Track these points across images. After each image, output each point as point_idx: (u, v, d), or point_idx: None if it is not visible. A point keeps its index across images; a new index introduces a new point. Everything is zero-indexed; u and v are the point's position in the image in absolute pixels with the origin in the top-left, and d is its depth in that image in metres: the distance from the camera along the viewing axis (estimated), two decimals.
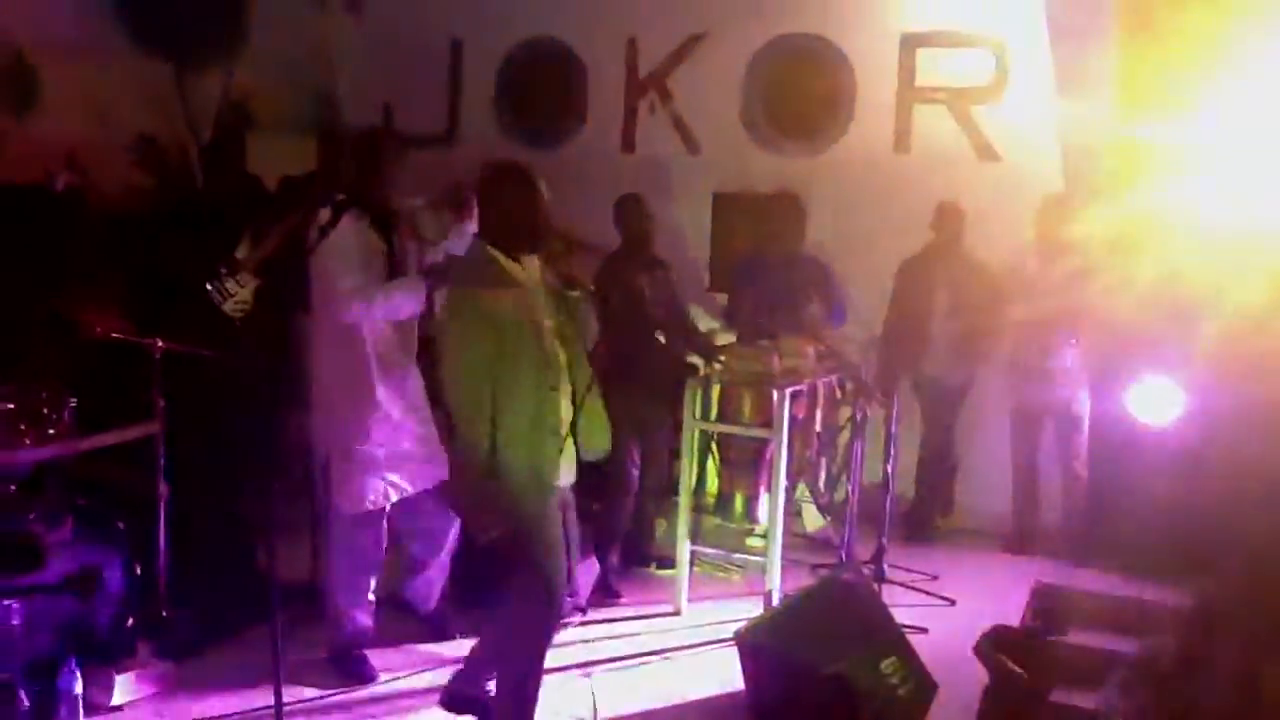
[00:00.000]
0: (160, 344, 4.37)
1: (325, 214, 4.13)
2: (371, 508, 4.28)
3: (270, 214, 5.59)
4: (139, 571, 4.25)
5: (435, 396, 4.11)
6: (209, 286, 4.84)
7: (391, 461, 4.29)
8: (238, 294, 4.99)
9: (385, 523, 4.39)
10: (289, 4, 7.82)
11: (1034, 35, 6.15)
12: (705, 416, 5.21)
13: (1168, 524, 5.71)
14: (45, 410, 4.05)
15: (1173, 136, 5.68)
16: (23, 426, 3.98)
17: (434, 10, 7.80)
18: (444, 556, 4.65)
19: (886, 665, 3.72)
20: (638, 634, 4.92)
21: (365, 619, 4.42)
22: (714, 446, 5.42)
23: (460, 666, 3.85)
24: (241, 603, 4.57)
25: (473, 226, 4.48)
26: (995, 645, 3.75)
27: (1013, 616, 4.97)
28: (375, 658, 4.44)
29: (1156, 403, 5.60)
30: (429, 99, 7.85)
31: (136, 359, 4.37)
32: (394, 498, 4.33)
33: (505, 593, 3.59)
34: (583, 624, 4.98)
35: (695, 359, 5.66)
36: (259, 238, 5.24)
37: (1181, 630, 4.21)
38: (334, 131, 7.81)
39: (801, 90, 6.92)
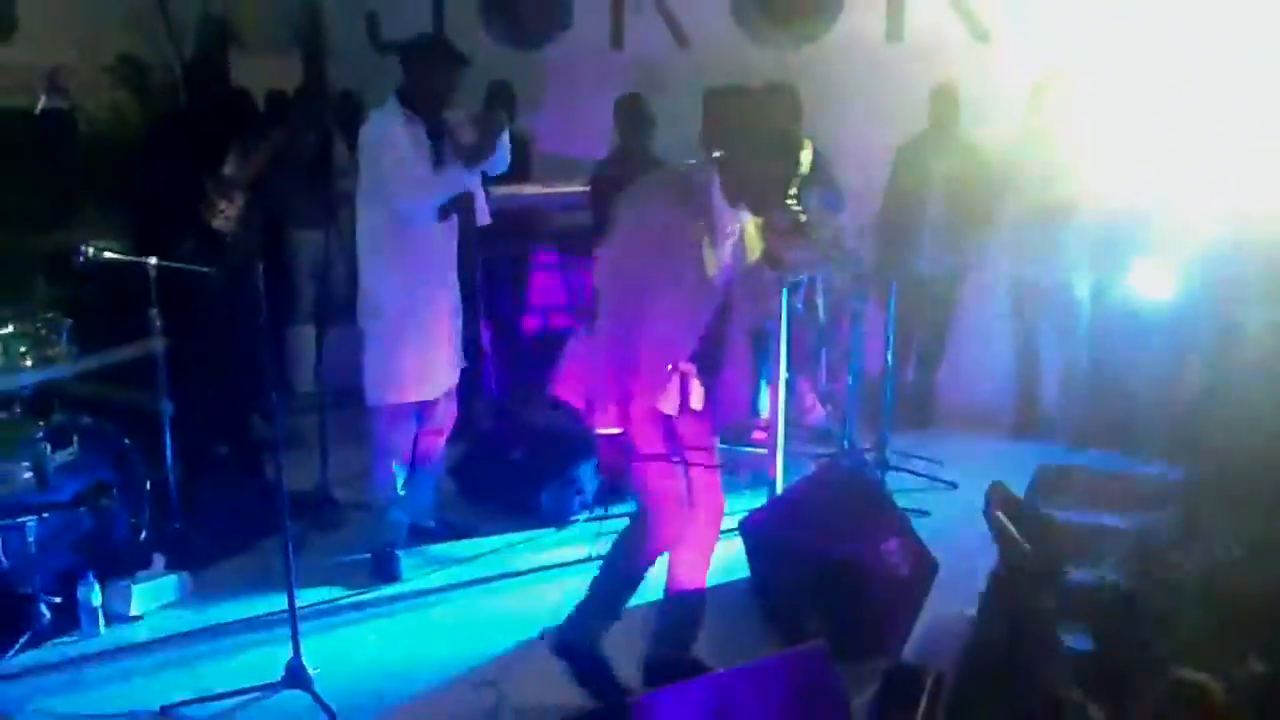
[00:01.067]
0: (154, 262, 4.36)
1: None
2: (405, 399, 4.34)
3: (258, 129, 5.57)
4: (149, 486, 4.31)
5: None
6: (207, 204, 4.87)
7: (426, 358, 4.34)
8: (226, 209, 5.00)
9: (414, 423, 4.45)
10: None
11: None
12: None
13: (1164, 402, 5.77)
14: (44, 332, 4.07)
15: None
16: (22, 350, 4.00)
17: None
18: (440, 456, 4.70)
19: (888, 548, 3.76)
20: None
21: (400, 514, 4.51)
22: None
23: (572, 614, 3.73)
24: (253, 513, 4.66)
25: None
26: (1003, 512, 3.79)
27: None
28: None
29: (1154, 280, 5.61)
30: (413, 5, 7.70)
31: (133, 279, 4.37)
32: (424, 395, 4.39)
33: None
34: (590, 519, 5.05)
35: None
36: (247, 154, 5.22)
37: (1177, 504, 4.29)
38: (318, 44, 7.71)
39: None
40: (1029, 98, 5.89)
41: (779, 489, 4.65)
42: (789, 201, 3.36)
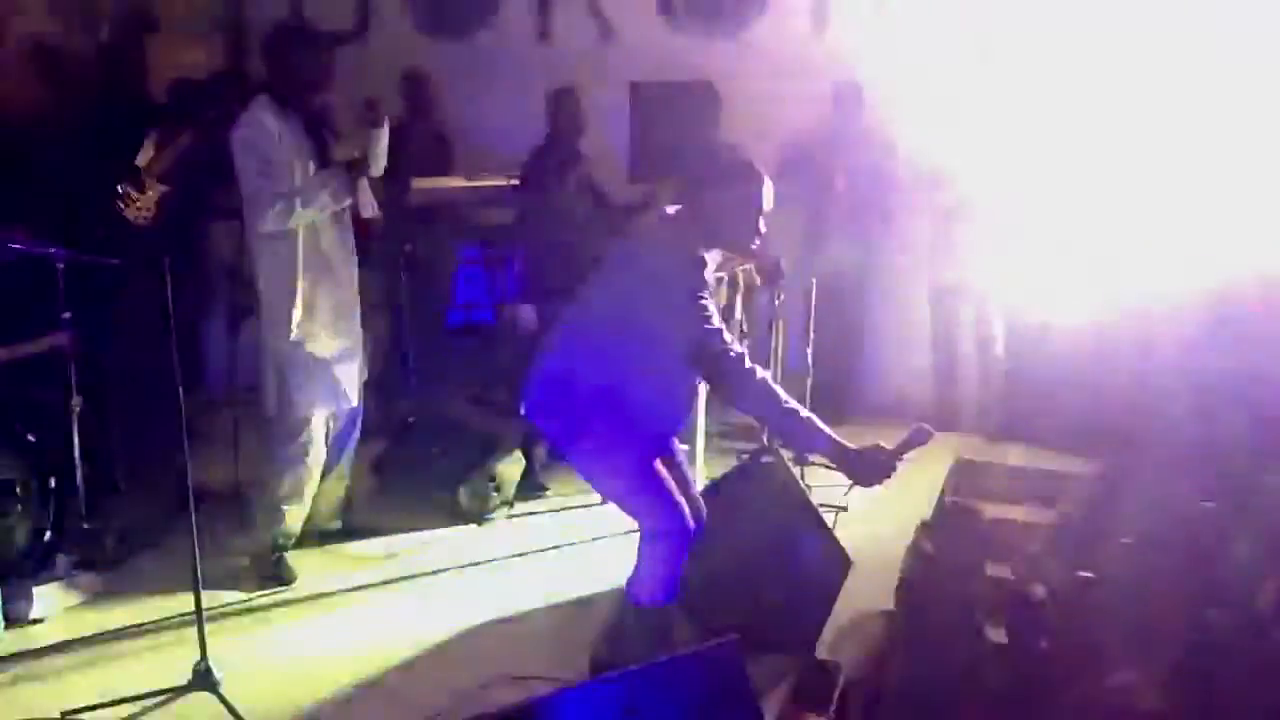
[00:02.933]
0: (62, 253, 4.25)
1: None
2: (312, 412, 4.26)
3: (174, 119, 5.44)
4: (54, 485, 4.20)
5: None
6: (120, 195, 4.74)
7: (332, 363, 4.27)
8: (140, 201, 4.88)
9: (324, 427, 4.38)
10: None
11: None
12: None
13: (1079, 401, 5.88)
14: None
15: None
16: None
17: None
18: (349, 458, 4.64)
19: (803, 544, 3.79)
20: (565, 525, 4.98)
21: (295, 521, 4.42)
22: None
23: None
24: (163, 512, 4.56)
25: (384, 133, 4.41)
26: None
27: (933, 492, 5.10)
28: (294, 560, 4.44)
29: (1072, 281, 5.71)
30: None
31: (41, 271, 4.26)
32: (333, 405, 4.33)
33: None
34: (510, 518, 5.03)
35: None
36: (161, 144, 5.10)
37: (1089, 499, 4.37)
38: (238, 30, 7.56)
39: None
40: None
41: (698, 487, 4.66)
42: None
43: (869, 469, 3.29)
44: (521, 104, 5.78)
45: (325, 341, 4.25)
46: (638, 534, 3.46)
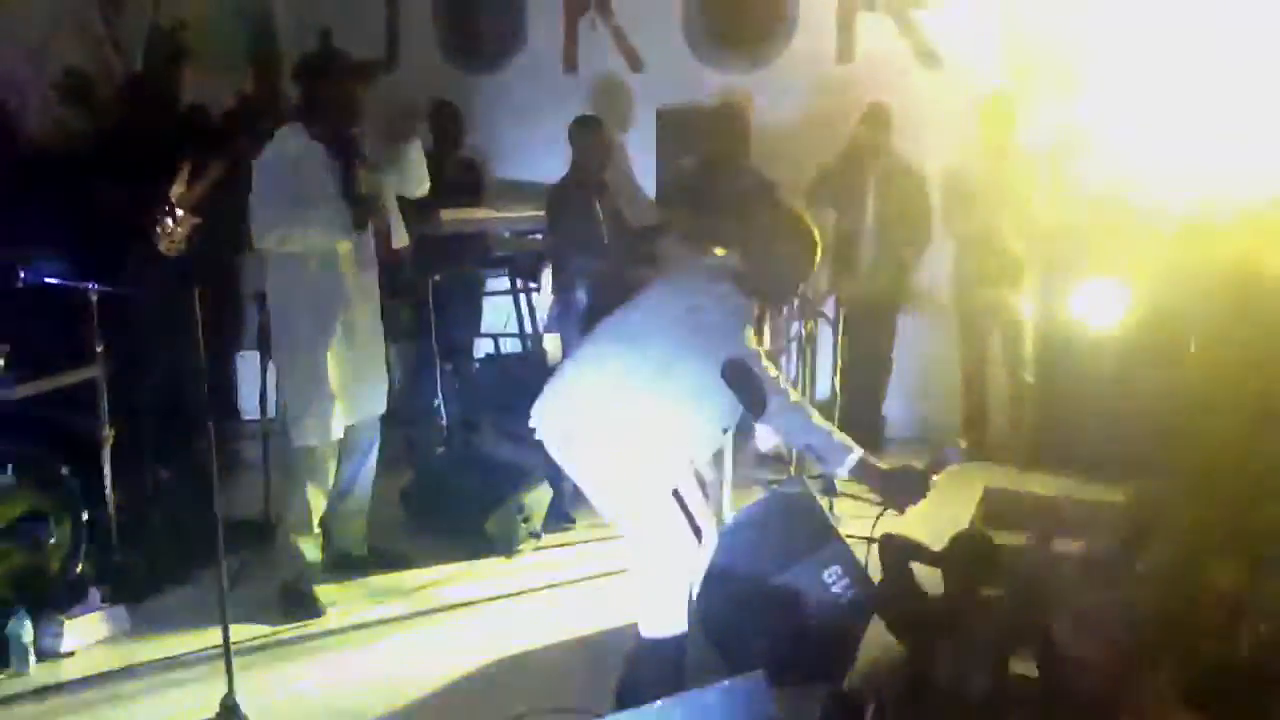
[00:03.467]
0: (95, 287, 4.29)
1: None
2: (315, 439, 4.27)
3: (209, 148, 5.49)
4: (87, 517, 4.22)
5: None
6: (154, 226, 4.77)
7: (342, 391, 4.28)
8: (173, 232, 4.93)
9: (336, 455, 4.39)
10: None
11: None
12: None
13: (1112, 427, 5.82)
14: None
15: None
16: None
17: None
18: (367, 484, 4.64)
19: (829, 574, 3.76)
20: (593, 557, 4.96)
21: (313, 552, 4.43)
22: None
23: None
24: (195, 543, 4.56)
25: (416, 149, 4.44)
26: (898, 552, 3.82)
27: (963, 521, 5.05)
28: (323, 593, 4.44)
29: (1102, 304, 5.66)
30: (367, 23, 7.67)
31: (75, 302, 4.30)
32: (341, 430, 4.34)
33: None
34: (537, 549, 5.02)
35: None
36: (195, 174, 5.15)
37: (1121, 530, 4.32)
38: (270, 59, 7.64)
39: (742, 2, 6.81)
40: (980, 113, 5.94)
41: (725, 518, 4.64)
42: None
43: (902, 487, 3.29)
44: (551, 134, 5.80)
45: (334, 367, 4.25)
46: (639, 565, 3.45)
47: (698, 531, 3.48)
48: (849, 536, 4.43)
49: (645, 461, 3.37)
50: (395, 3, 7.70)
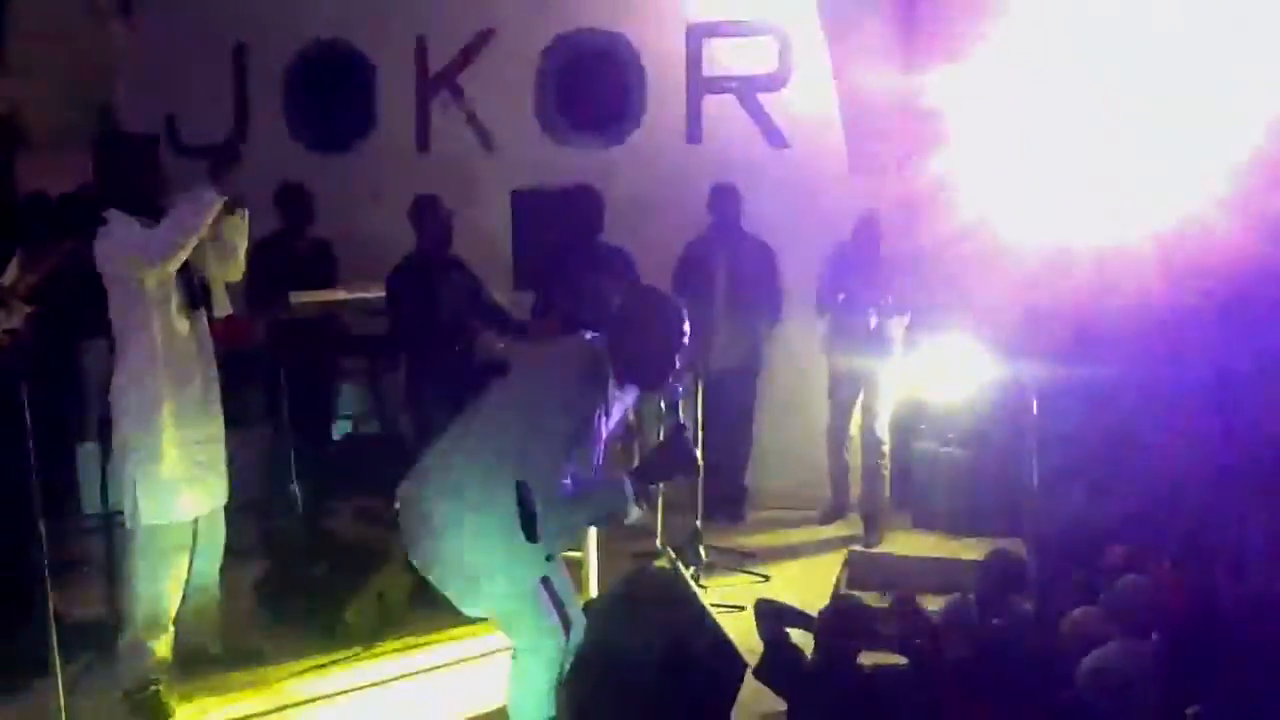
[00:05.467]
0: None
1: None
2: (171, 522, 4.14)
3: (43, 235, 5.30)
4: None
5: None
6: None
7: (189, 476, 4.17)
8: (4, 321, 4.72)
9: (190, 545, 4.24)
10: (54, 11, 7.41)
11: (814, 19, 6.32)
12: None
13: (969, 487, 6.02)
14: None
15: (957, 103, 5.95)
16: None
17: (215, 15, 7.53)
18: (215, 576, 4.50)
19: (696, 651, 3.76)
20: (460, 643, 4.85)
21: (164, 650, 4.24)
22: None
23: None
24: (32, 649, 4.32)
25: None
26: (775, 617, 3.87)
27: (827, 585, 5.13)
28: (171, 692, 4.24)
29: (958, 373, 5.87)
30: (215, 107, 7.57)
31: None
32: (191, 514, 4.21)
33: None
34: (400, 637, 4.88)
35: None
36: (31, 261, 4.96)
37: (980, 584, 4.46)
38: (109, 144, 7.43)
39: (593, 84, 6.98)
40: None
41: (590, 593, 4.61)
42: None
43: (673, 462, 3.47)
44: (404, 215, 5.76)
45: (180, 452, 4.14)
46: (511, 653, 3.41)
47: (566, 620, 3.45)
48: (715, 606, 4.46)
49: (510, 554, 3.30)
50: (244, 85, 7.63)
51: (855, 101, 6.24)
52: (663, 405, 5.25)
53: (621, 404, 3.48)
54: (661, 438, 3.37)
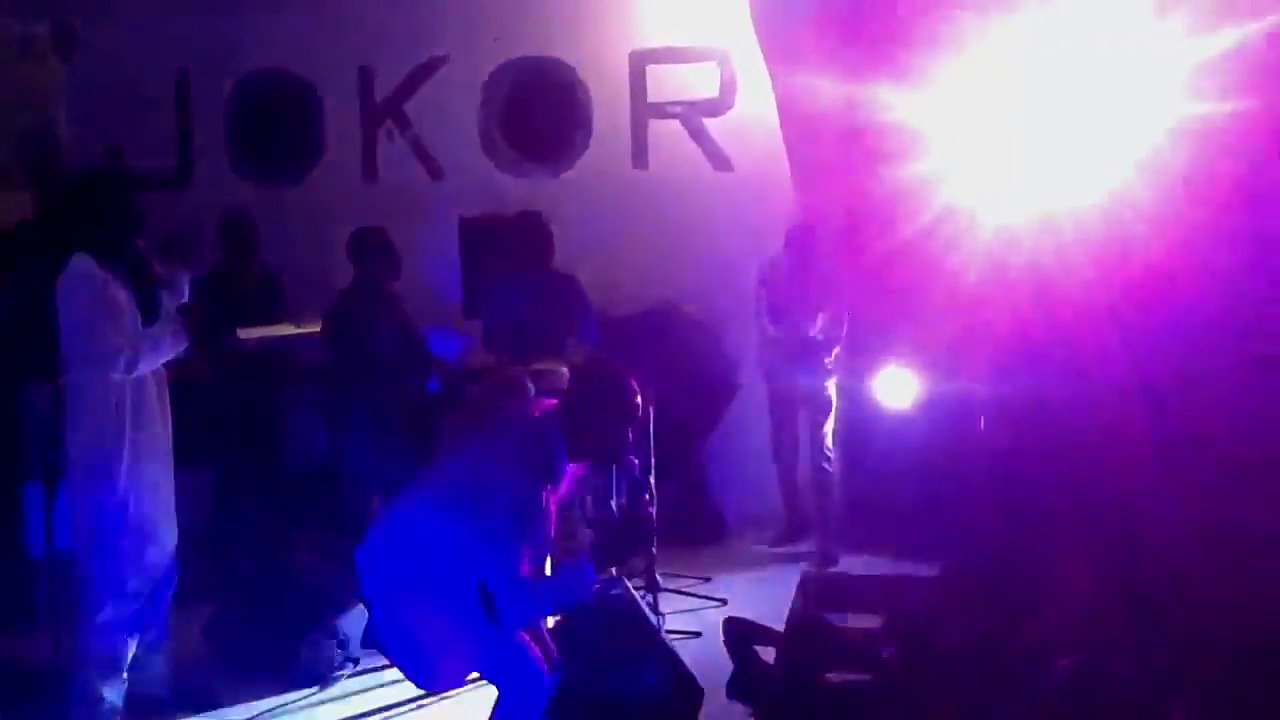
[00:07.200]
0: None
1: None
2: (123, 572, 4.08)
3: None
4: None
5: None
6: None
7: (148, 525, 4.12)
8: None
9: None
10: None
11: (754, 43, 6.38)
12: None
13: (915, 508, 6.06)
14: None
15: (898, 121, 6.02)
16: None
17: (154, 47, 7.44)
18: (163, 618, 4.42)
19: (651, 678, 3.77)
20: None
21: (117, 699, 4.16)
22: None
23: None
24: None
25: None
26: (741, 636, 3.90)
27: (783, 608, 5.14)
28: None
29: (899, 389, 5.91)
30: (157, 139, 7.49)
31: None
32: (141, 554, 4.15)
33: None
34: (355, 676, 4.83)
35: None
36: None
37: (929, 603, 4.50)
38: (50, 181, 7.35)
39: (539, 111, 7.01)
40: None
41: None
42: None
43: (624, 547, 3.64)
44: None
45: (139, 497, 4.10)
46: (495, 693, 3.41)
47: (549, 651, 3.47)
48: (671, 633, 4.47)
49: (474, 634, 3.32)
50: (187, 118, 7.57)
51: (796, 123, 6.30)
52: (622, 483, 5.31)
53: (571, 475, 3.49)
54: (619, 514, 3.40)
